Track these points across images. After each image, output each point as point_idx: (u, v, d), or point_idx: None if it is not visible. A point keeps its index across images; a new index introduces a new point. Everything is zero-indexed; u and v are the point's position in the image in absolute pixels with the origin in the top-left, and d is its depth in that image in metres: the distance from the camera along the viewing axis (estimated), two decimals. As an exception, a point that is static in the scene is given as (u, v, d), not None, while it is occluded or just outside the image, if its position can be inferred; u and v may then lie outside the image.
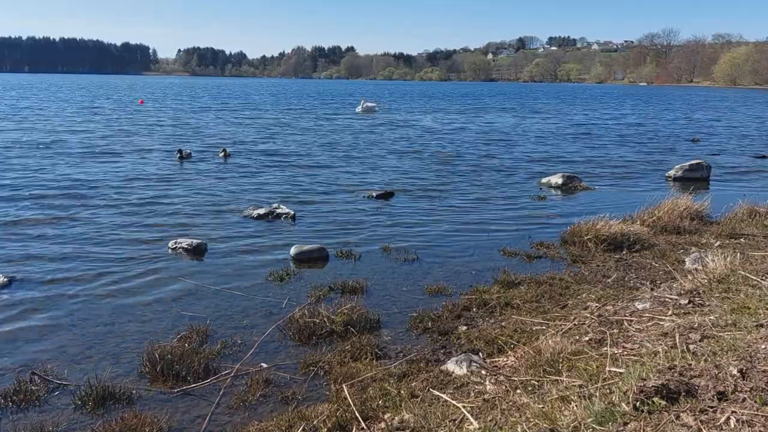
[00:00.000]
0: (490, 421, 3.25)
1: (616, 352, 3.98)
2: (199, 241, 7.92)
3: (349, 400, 3.95)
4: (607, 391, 3.21)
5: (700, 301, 4.95)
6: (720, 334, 3.89)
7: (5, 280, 6.56)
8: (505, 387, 3.82)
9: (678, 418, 2.73)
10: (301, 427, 3.77)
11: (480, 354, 4.77)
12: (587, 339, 4.55)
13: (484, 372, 4.31)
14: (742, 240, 8.17)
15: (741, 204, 9.88)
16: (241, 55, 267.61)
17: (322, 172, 14.74)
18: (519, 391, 3.68)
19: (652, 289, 6.03)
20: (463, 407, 3.50)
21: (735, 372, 3.07)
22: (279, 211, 9.94)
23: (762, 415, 2.67)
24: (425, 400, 3.88)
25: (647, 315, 4.88)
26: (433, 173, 14.85)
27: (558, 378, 3.69)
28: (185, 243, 7.86)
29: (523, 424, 3.03)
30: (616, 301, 5.75)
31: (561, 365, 3.93)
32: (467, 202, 11.52)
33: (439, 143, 21.46)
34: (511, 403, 3.47)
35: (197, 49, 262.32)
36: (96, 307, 6.03)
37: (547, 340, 4.37)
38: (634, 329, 4.57)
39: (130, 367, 4.81)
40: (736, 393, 2.88)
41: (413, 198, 11.84)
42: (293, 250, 7.70)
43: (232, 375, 4.70)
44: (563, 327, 5.03)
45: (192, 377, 4.62)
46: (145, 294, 6.40)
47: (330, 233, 8.95)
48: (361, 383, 4.39)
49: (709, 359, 3.39)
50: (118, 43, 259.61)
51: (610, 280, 6.71)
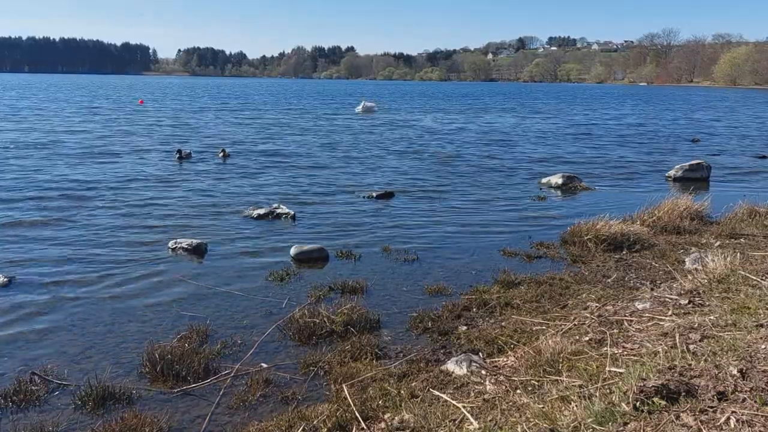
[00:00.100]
0: (490, 421, 3.25)
1: (616, 352, 3.98)
2: (198, 242, 7.92)
3: (349, 400, 3.95)
4: (607, 391, 3.20)
5: (700, 301, 4.95)
6: (720, 334, 3.88)
7: (5, 280, 6.56)
8: (505, 387, 3.82)
9: (678, 418, 2.73)
10: (301, 427, 3.77)
11: (480, 354, 4.77)
12: (587, 339, 4.55)
13: (484, 372, 4.31)
14: (742, 240, 8.17)
15: (741, 204, 9.88)
16: (241, 55, 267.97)
17: (321, 172, 14.74)
18: (519, 391, 3.68)
19: (652, 289, 6.03)
20: (463, 407, 3.50)
21: (735, 372, 3.07)
22: (279, 211, 9.94)
23: (762, 415, 2.67)
24: (425, 400, 3.88)
25: (647, 315, 4.88)
26: (433, 173, 14.85)
27: (558, 378, 3.69)
28: (185, 243, 7.87)
29: (523, 424, 3.03)
30: (616, 301, 5.75)
31: (561, 365, 3.93)
32: (467, 203, 11.52)
33: (439, 143, 21.46)
34: (511, 403, 3.47)
35: (197, 49, 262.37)
36: (96, 307, 6.03)
37: (547, 340, 4.37)
38: (634, 329, 4.57)
39: (130, 367, 4.81)
40: (736, 393, 2.88)
41: (413, 198, 11.84)
42: (293, 251, 7.71)
43: (232, 375, 4.70)
44: (563, 327, 5.03)
45: (192, 377, 4.62)
46: (145, 294, 6.40)
47: (330, 233, 8.96)
48: (361, 383, 4.39)
49: (709, 359, 3.39)
50: (118, 43, 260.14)
51: (610, 280, 6.71)
